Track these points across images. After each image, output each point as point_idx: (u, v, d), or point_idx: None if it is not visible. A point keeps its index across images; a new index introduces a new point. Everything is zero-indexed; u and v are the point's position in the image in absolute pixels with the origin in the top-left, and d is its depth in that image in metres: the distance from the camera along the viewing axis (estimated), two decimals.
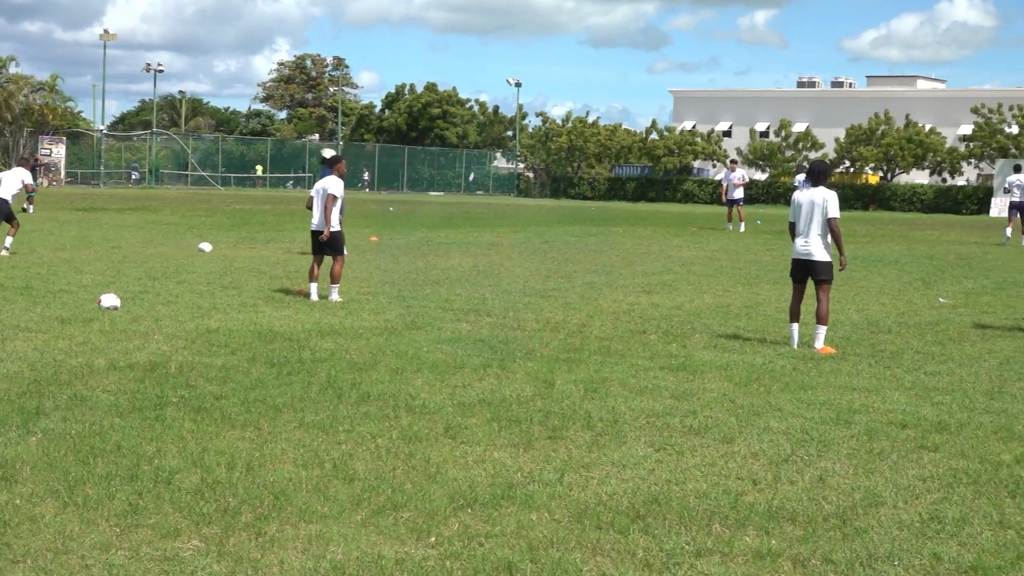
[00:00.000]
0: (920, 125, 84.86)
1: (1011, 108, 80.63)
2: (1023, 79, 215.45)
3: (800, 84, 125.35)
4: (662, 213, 56.90)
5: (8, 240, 22.57)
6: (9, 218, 23.25)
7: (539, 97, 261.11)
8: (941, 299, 18.39)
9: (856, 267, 24.64)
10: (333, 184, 16.51)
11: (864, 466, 7.89)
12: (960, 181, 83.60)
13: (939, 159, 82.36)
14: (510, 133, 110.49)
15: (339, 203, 16.63)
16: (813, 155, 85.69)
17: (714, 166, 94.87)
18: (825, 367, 11.71)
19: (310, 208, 16.77)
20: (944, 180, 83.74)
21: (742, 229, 38.61)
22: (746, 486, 7.32)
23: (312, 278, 16.60)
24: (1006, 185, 30.62)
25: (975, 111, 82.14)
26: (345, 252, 17.08)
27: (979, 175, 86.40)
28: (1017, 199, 34.02)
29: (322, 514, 6.52)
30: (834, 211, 13.06)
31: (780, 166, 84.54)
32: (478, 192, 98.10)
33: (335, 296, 16.38)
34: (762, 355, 12.36)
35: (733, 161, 42.31)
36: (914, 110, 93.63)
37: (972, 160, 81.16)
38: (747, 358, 12.14)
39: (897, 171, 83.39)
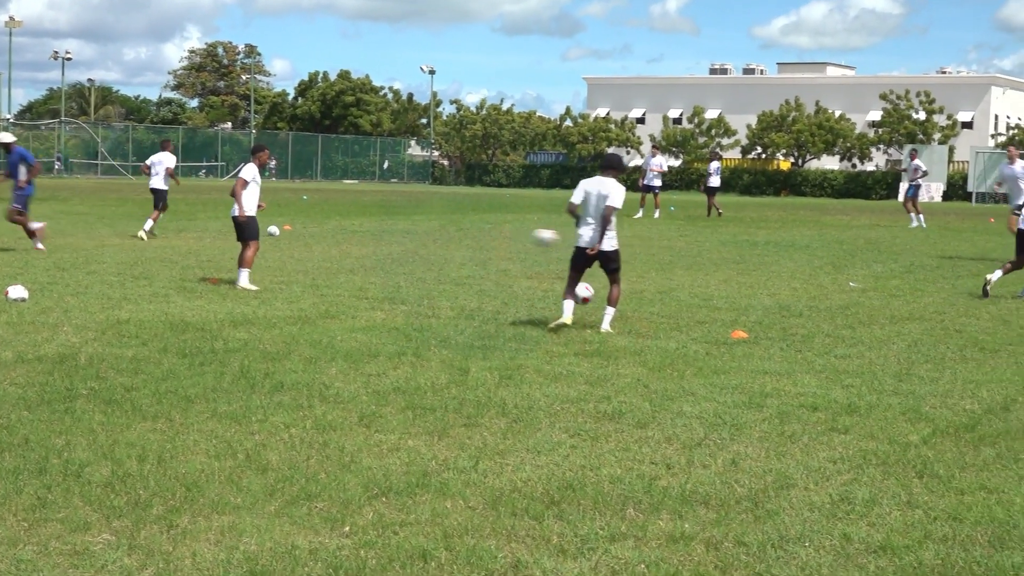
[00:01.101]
0: (830, 111, 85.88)
1: (918, 94, 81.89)
2: (930, 66, 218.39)
3: (712, 71, 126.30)
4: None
5: None
6: None
7: (453, 84, 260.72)
8: (851, 283, 18.63)
9: (768, 252, 24.91)
10: (245, 169, 16.65)
11: (776, 449, 7.97)
12: (869, 167, 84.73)
13: (849, 145, 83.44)
14: (424, 121, 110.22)
15: (252, 188, 16.62)
16: (726, 141, 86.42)
17: (628, 152, 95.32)
18: (737, 351, 11.81)
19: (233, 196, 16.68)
20: (854, 165, 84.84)
21: (656, 216, 38.81)
22: (660, 470, 7.37)
23: (246, 264, 16.60)
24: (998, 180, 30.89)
25: (884, 97, 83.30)
26: (258, 239, 16.96)
27: (888, 160, 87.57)
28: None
29: (235, 505, 6.47)
30: (618, 203, 12.84)
31: (693, 153, 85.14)
32: (392, 180, 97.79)
33: (242, 282, 16.32)
34: (676, 340, 12.44)
35: (655, 147, 42.48)
36: (824, 97, 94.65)
37: (881, 146, 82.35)
38: (661, 343, 12.21)
39: (808, 157, 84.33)
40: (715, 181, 40.97)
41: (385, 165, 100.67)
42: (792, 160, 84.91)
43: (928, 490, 7.07)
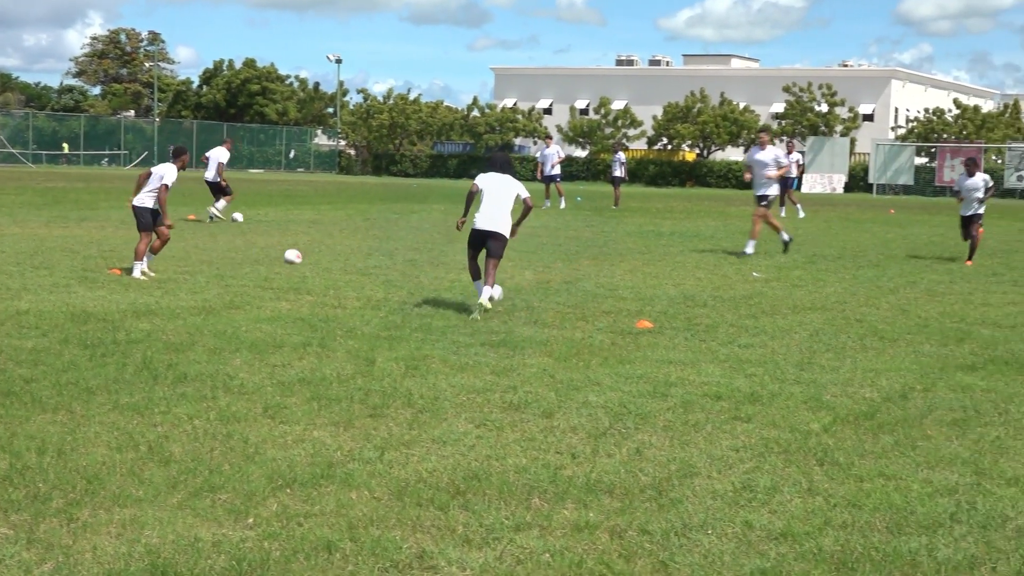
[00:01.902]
0: (735, 103, 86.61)
1: (821, 87, 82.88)
2: (832, 59, 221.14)
3: (619, 62, 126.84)
4: None
5: None
6: None
7: (360, 74, 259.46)
8: (755, 273, 18.83)
9: (673, 242, 25.10)
10: (168, 173, 16.81)
11: (680, 438, 8.04)
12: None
13: (753, 136, 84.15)
14: (331, 110, 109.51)
15: (162, 186, 16.73)
16: (632, 132, 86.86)
17: (535, 143, 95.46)
18: (643, 341, 11.89)
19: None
20: None
21: (562, 206, 38.93)
22: (565, 460, 7.40)
23: (138, 257, 16.50)
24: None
25: (787, 90, 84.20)
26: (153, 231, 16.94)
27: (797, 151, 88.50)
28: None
29: (137, 498, 6.40)
30: (528, 195, 14.37)
31: (600, 143, 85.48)
32: (299, 169, 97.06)
33: (136, 272, 16.29)
34: (581, 330, 12.50)
35: (548, 137, 42.54)
36: (729, 88, 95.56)
37: (784, 137, 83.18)
38: (567, 333, 12.26)
39: (713, 148, 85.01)
40: (619, 171, 41.26)
41: (291, 154, 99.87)
42: (697, 151, 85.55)
43: (828, 477, 7.17)
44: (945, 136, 79.21)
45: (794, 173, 38.89)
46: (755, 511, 6.46)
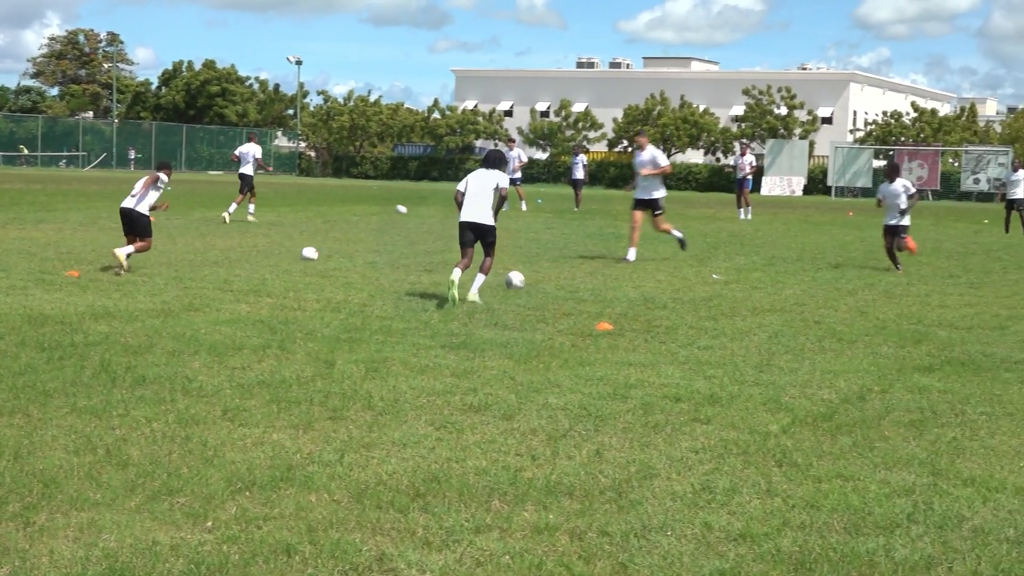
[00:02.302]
0: (695, 106, 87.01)
1: (780, 90, 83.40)
2: (791, 62, 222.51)
3: (579, 65, 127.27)
4: (444, 192, 57.04)
5: None
6: None
7: (320, 75, 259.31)
8: (714, 275, 18.90)
9: None
10: (163, 177, 18.06)
11: (639, 439, 8.06)
12: (732, 160, 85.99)
13: (713, 139, 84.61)
14: (291, 112, 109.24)
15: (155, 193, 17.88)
16: (592, 134, 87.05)
17: (495, 145, 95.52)
18: (603, 343, 11.91)
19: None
20: (718, 159, 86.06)
21: (523, 208, 38.96)
22: (525, 462, 7.41)
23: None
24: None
25: (746, 92, 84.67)
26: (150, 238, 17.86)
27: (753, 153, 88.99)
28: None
29: (94, 501, 6.36)
30: (506, 184, 15.39)
31: (560, 146, 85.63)
32: (259, 171, 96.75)
33: (121, 251, 17.13)
34: (542, 332, 12.51)
35: (510, 140, 42.53)
36: (689, 91, 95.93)
37: (744, 140, 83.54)
38: (527, 335, 12.27)
39: (673, 150, 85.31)
40: (580, 174, 41.35)
41: None
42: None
43: (787, 478, 7.20)
44: (903, 139, 79.78)
45: (747, 174, 39.16)
46: (714, 512, 6.48)
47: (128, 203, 17.83)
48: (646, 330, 12.89)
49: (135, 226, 17.66)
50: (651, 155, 21.53)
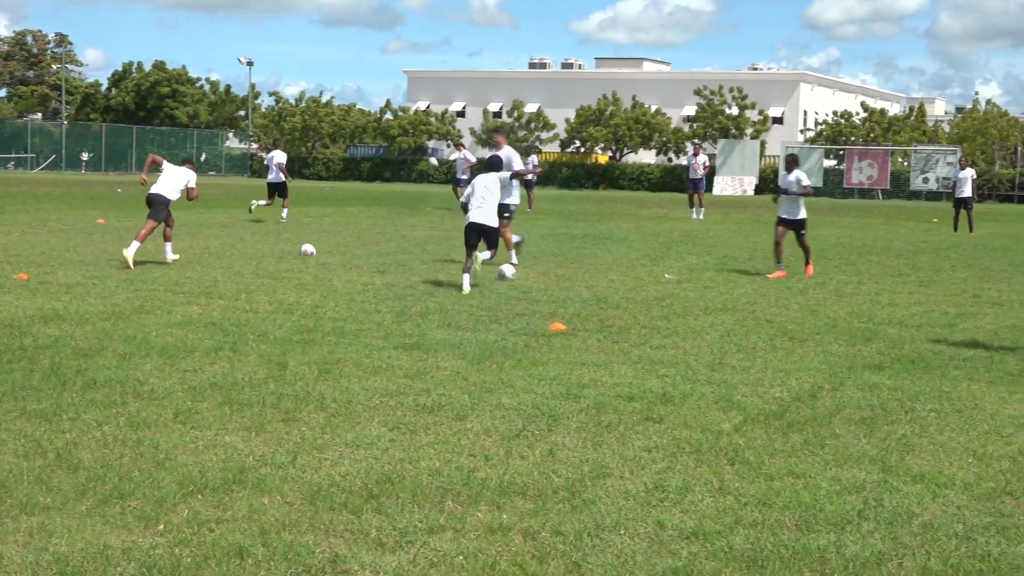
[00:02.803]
0: (647, 106, 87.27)
1: (731, 90, 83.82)
2: (742, 62, 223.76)
3: (531, 65, 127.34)
4: (397, 193, 57.00)
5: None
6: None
7: (272, 76, 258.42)
8: (667, 275, 18.96)
9: (586, 244, 25.23)
10: (192, 177, 19.72)
11: (592, 439, 8.08)
12: (685, 160, 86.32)
13: (665, 139, 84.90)
14: (242, 113, 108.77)
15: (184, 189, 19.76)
16: (545, 135, 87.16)
17: (448, 146, 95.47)
18: (556, 343, 11.93)
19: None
20: (670, 159, 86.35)
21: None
22: (478, 462, 7.41)
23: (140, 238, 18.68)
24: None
25: (698, 93, 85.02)
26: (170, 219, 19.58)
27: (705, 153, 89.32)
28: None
29: (44, 505, 6.31)
30: (508, 171, 17.41)
31: (513, 146, 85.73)
32: (210, 173, 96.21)
33: (169, 255, 19.20)
34: (495, 333, 12.52)
35: (459, 144, 42.45)
36: (641, 91, 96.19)
37: (696, 140, 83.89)
38: (480, 336, 12.27)
39: (625, 151, 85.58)
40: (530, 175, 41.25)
41: (202, 158, 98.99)
42: (610, 154, 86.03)
43: (739, 476, 7.24)
44: (853, 139, 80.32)
45: (700, 174, 39.28)
46: (667, 511, 6.51)
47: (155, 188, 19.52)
48: (599, 330, 12.92)
49: (153, 206, 19.36)
50: (507, 155, 20.01)
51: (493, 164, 17.23)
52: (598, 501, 6.64)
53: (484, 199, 16.52)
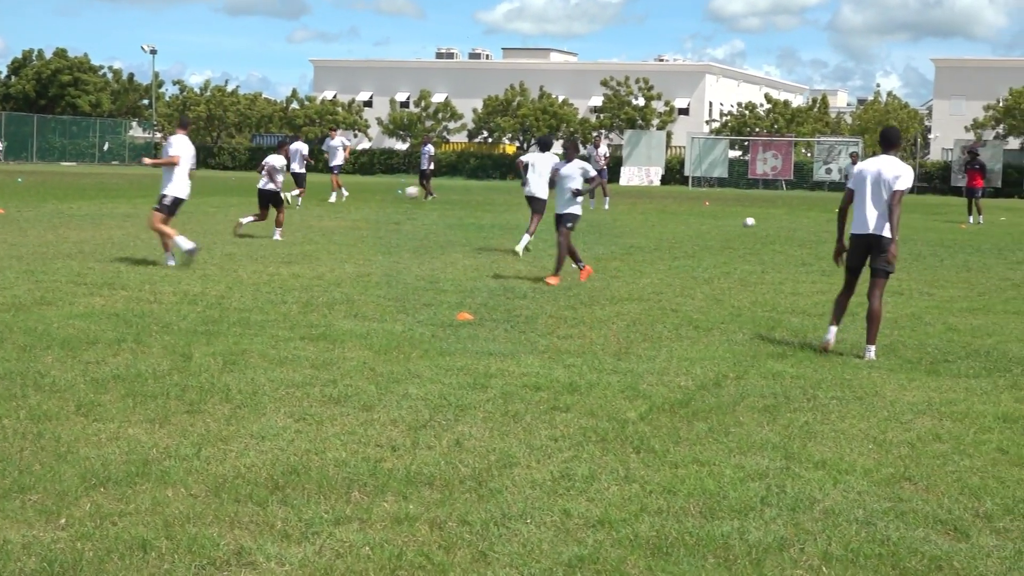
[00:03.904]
0: (554, 96, 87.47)
1: (637, 81, 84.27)
2: (649, 53, 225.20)
3: (439, 55, 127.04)
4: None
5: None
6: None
7: (176, 65, 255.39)
8: (574, 265, 19.01)
9: (493, 235, 25.25)
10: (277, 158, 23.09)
11: (499, 428, 8.10)
12: (587, 151, 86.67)
13: (572, 130, 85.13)
14: (146, 102, 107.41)
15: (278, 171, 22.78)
16: (452, 125, 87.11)
17: (355, 136, 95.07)
18: (463, 333, 11.94)
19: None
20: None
21: (331, 200, 36.97)
22: (385, 453, 7.40)
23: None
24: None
25: (605, 83, 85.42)
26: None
27: (609, 145, 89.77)
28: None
29: None
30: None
31: (420, 136, 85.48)
32: (113, 162, 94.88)
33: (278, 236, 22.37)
34: (402, 323, 12.50)
35: (332, 129, 41.89)
36: (548, 82, 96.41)
37: (603, 130, 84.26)
38: (387, 326, 12.24)
39: (533, 141, 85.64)
40: (427, 164, 41.01)
41: (105, 147, 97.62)
42: (518, 144, 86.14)
43: (644, 464, 7.30)
44: (757, 130, 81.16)
45: (602, 165, 39.42)
46: (573, 499, 6.55)
47: (261, 184, 23.00)
48: (506, 320, 12.95)
49: (268, 201, 23.10)
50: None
51: (544, 143, 20.52)
52: (504, 490, 6.66)
53: (540, 175, 20.34)
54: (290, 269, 17.38)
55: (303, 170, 34.09)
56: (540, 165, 20.32)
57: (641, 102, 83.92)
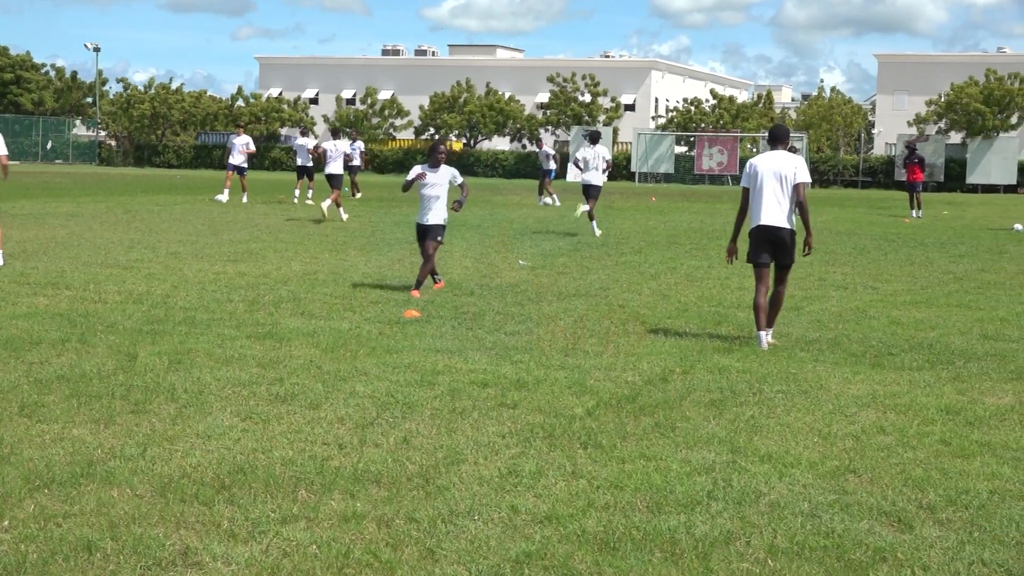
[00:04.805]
0: (500, 93, 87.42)
1: (584, 77, 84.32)
2: (595, 50, 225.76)
3: (385, 52, 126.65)
4: (248, 181, 56.23)
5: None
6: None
7: (120, 63, 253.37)
8: (521, 261, 19.05)
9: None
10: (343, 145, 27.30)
11: (447, 425, 8.10)
12: (536, 148, 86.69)
13: (519, 126, 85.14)
14: (90, 100, 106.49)
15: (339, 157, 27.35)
16: (399, 122, 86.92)
17: (302, 133, 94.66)
18: (410, 330, 11.93)
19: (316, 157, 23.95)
20: (524, 146, 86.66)
21: (224, 198, 36.42)
22: (332, 451, 7.38)
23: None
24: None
25: (551, 80, 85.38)
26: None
27: (556, 141, 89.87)
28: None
29: None
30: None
31: (367, 133, 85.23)
32: (57, 161, 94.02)
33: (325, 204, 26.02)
34: (349, 321, 12.47)
35: (239, 125, 41.30)
36: (494, 78, 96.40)
37: (549, 127, 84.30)
38: (334, 324, 12.21)
39: (480, 138, 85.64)
40: (356, 161, 40.53)
41: (48, 146, 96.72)
42: (464, 141, 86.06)
43: (592, 460, 7.32)
44: (703, 126, 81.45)
45: (553, 165, 39.47)
46: (520, 495, 6.56)
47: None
48: (453, 317, 12.95)
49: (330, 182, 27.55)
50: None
51: (595, 138, 25.29)
52: (452, 487, 6.66)
53: (596, 168, 24.83)
54: (236, 267, 17.30)
55: (310, 163, 35.80)
56: (591, 157, 24.93)
57: (587, 98, 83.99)
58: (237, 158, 37.37)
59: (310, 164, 35.85)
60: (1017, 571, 5.65)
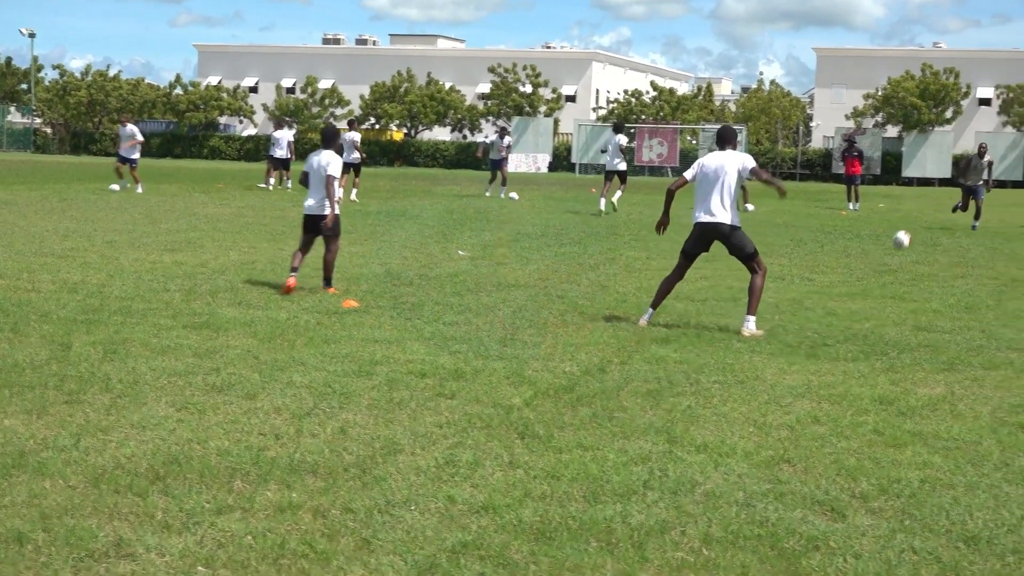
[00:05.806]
0: (441, 83, 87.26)
1: (525, 68, 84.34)
2: (536, 41, 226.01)
3: (325, 41, 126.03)
4: (187, 169, 55.87)
5: None
6: None
7: (56, 49, 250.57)
8: (460, 252, 19.05)
9: (379, 222, 25.16)
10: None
11: (384, 416, 8.08)
12: (480, 137, 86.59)
13: (460, 116, 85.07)
14: (25, 86, 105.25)
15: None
16: (340, 111, 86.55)
17: (241, 122, 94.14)
18: (348, 321, 11.89)
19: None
20: (464, 136, 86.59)
21: (130, 187, 35.61)
22: (268, 441, 7.35)
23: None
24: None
25: (492, 71, 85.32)
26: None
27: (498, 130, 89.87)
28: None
29: None
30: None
31: (307, 123, 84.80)
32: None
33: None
34: (286, 311, 12.41)
35: (125, 115, 40.73)
36: (435, 69, 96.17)
37: (490, 117, 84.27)
38: (271, 314, 12.15)
39: (420, 128, 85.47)
40: (285, 151, 39.64)
41: None
42: (405, 131, 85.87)
43: (529, 450, 7.33)
44: (643, 117, 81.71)
45: (504, 154, 39.37)
46: (457, 486, 6.56)
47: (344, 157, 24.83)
48: (392, 307, 12.93)
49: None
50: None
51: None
52: (389, 477, 6.65)
53: (612, 155, 29.34)
54: (173, 257, 17.17)
55: (289, 156, 37.44)
56: (612, 145, 30.03)
57: (528, 89, 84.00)
58: (132, 152, 35.18)
59: (289, 157, 37.51)
60: (947, 559, 5.72)
